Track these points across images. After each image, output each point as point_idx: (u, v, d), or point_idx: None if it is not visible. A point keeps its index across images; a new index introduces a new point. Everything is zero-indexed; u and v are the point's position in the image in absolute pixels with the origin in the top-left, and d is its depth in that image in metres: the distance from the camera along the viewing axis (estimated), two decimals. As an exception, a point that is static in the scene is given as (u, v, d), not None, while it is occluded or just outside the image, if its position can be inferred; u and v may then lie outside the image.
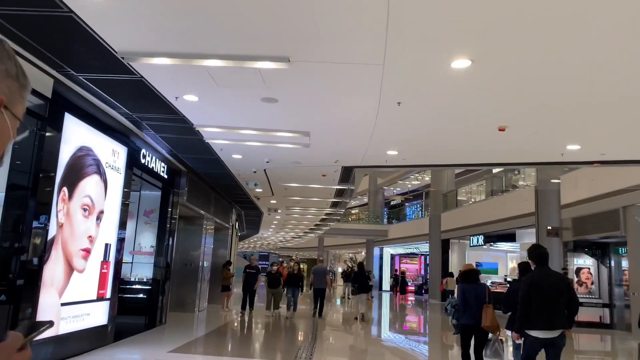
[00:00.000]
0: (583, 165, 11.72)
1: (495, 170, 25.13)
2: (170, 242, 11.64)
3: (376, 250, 37.14)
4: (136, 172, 9.15)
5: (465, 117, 6.81)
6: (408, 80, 5.54)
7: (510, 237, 21.36)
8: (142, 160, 9.20)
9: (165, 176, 10.71)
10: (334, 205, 16.54)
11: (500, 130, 7.07)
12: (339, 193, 13.94)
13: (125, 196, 8.69)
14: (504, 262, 26.91)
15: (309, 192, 14.11)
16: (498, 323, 5.97)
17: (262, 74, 5.45)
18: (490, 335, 6.03)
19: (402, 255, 35.71)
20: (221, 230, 18.40)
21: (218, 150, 9.21)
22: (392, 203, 39.90)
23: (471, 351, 6.18)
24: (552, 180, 17.10)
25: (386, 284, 34.59)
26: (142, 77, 5.76)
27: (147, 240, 11.59)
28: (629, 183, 13.26)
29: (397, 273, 33.17)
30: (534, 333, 4.91)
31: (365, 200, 41.06)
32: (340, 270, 44.08)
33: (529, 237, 19.35)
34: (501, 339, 6.08)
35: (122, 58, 5.15)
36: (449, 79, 5.37)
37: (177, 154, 10.08)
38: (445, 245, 26.44)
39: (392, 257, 36.90)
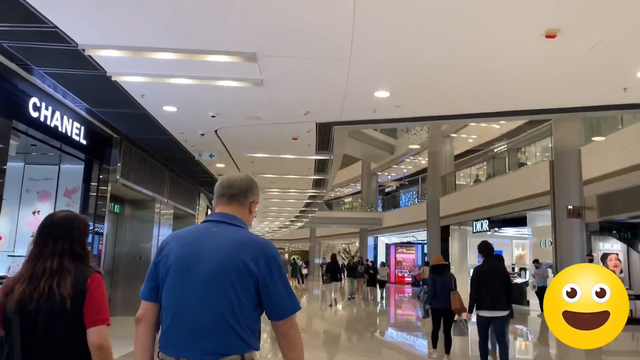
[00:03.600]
0: None
1: (498, 149, 22.77)
2: (101, 231, 9.03)
3: (370, 240, 34.76)
4: (21, 128, 6.51)
5: (493, 14, 4.25)
6: None
7: (520, 221, 18.89)
8: (34, 113, 6.55)
9: (84, 142, 8.06)
10: (317, 184, 13.93)
11: (548, 36, 4.48)
12: (320, 168, 11.34)
13: (-4, 161, 6.09)
14: (509, 249, 24.50)
15: (283, 167, 11.51)
16: (464, 306, 6.74)
17: None
18: (456, 316, 7.01)
19: (398, 245, 33.27)
20: (184, 218, 15.76)
21: (139, 97, 6.58)
22: (386, 190, 37.47)
23: (440, 332, 7.27)
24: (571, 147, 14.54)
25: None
26: None
27: (69, 227, 8.94)
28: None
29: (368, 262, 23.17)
30: (481, 313, 6.07)
31: (359, 187, 38.59)
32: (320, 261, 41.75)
33: (543, 220, 16.88)
34: (465, 320, 6.86)
35: None
36: None
37: (92, 109, 7.43)
38: (445, 232, 23.99)
39: (387, 246, 34.48)
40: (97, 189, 8.84)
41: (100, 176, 8.97)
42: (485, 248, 6.37)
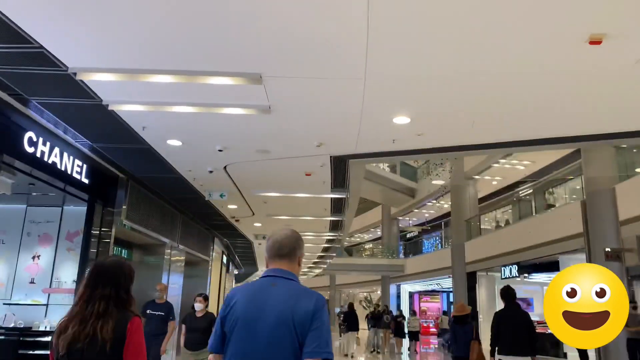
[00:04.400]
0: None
1: (523, 192, 21.89)
2: (102, 275, 8.44)
3: (393, 288, 33.43)
4: (17, 165, 6.08)
5: (529, 22, 3.71)
6: None
7: (552, 266, 17.75)
8: (29, 148, 6.14)
9: (86, 181, 7.62)
10: (334, 227, 13.24)
11: (592, 42, 3.89)
12: (336, 208, 10.70)
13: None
14: (540, 296, 23.15)
15: (298, 208, 10.91)
16: (483, 356, 6.85)
17: None
18: None
19: (422, 293, 31.89)
20: (197, 264, 15.13)
21: (140, 129, 6.14)
22: (408, 235, 36.38)
23: None
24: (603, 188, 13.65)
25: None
26: None
27: (70, 273, 8.42)
28: None
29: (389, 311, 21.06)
30: (502, 358, 6.10)
31: (379, 233, 37.60)
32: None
33: (576, 264, 15.75)
34: None
35: None
36: None
37: (93, 145, 7.01)
38: (471, 279, 22.79)
39: (411, 295, 33.12)
40: (99, 231, 8.32)
41: (104, 218, 8.47)
42: (507, 293, 6.50)
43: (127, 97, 5.27)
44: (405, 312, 27.79)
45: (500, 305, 20.54)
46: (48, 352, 7.37)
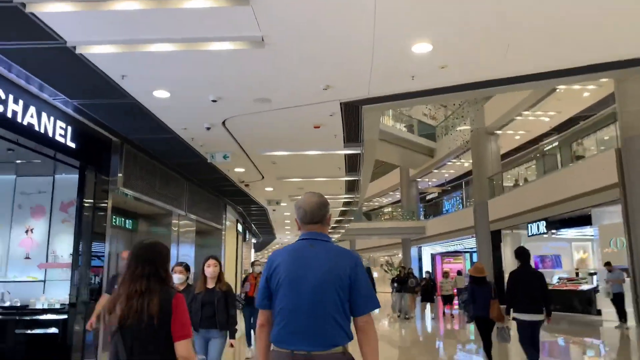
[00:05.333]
0: None
1: (548, 146, 20.75)
2: (100, 252, 7.79)
3: (413, 251, 32.82)
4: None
5: None
6: None
7: (583, 221, 16.85)
8: (-5, 106, 5.40)
9: (72, 144, 6.89)
10: (350, 188, 12.44)
11: None
12: (351, 166, 9.87)
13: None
14: (568, 253, 22.30)
15: (310, 168, 10.11)
16: (503, 314, 6.91)
17: None
18: (498, 324, 7.08)
19: (444, 254, 31.22)
20: (209, 234, 14.53)
21: (119, 78, 5.33)
22: (428, 197, 35.49)
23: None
24: None
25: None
26: None
27: (66, 246, 7.81)
28: None
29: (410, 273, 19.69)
30: (518, 316, 6.26)
31: (398, 196, 36.79)
32: (375, 274, 39.93)
33: (611, 217, 14.81)
34: (507, 327, 7.06)
35: None
36: None
37: (73, 102, 6.24)
38: (495, 238, 21.98)
39: (433, 257, 32.46)
40: (93, 201, 7.64)
41: (98, 186, 7.78)
42: (522, 253, 6.56)
43: (94, 36, 4.45)
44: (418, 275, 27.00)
45: None
46: (47, 330, 6.65)
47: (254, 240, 26.44)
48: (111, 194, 8.06)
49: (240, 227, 18.24)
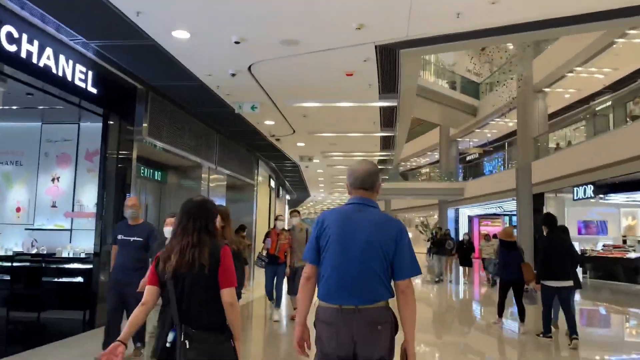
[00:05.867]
0: None
1: (600, 106, 19.37)
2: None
3: (450, 213, 32.11)
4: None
5: None
6: None
7: (634, 185, 15.82)
8: (9, 45, 5.10)
9: (93, 90, 6.62)
10: (385, 145, 11.89)
11: None
12: (387, 120, 9.30)
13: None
14: (616, 219, 21.25)
15: (343, 122, 9.60)
16: (534, 276, 7.04)
17: None
18: (526, 286, 7.31)
19: (482, 217, 30.41)
20: (241, 189, 14.35)
21: (134, 15, 4.92)
22: (468, 158, 34.37)
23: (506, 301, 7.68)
24: None
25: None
26: None
27: (91, 196, 7.68)
28: None
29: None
30: (547, 283, 6.39)
31: (437, 156, 35.79)
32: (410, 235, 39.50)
33: (666, 182, 13.76)
34: (535, 290, 7.06)
35: None
36: None
37: (89, 43, 5.89)
38: (537, 202, 21.04)
39: (470, 219, 31.70)
40: (117, 151, 7.42)
41: (122, 136, 7.54)
42: (549, 220, 6.66)
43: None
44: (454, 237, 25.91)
45: (570, 230, 19.41)
46: (73, 279, 6.55)
47: (287, 197, 26.32)
48: (136, 144, 7.82)
49: (273, 183, 18.01)
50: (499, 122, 27.71)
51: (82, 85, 6.43)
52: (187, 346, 2.48)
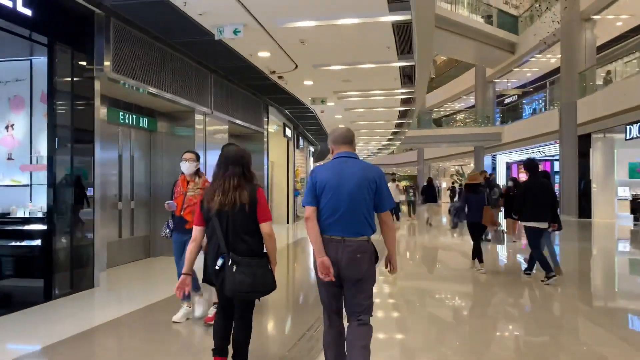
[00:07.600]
0: None
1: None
2: (81, 162, 6.37)
3: (487, 160, 30.19)
4: None
5: None
6: None
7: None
8: None
9: (26, 12, 5.30)
10: (407, 79, 10.25)
11: None
12: (403, 44, 7.69)
13: None
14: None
15: (350, 49, 8.04)
16: (495, 220, 7.92)
17: None
18: (496, 227, 7.94)
19: (521, 163, 28.34)
20: (249, 138, 13.05)
21: None
22: (506, 100, 31.97)
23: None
24: None
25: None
26: None
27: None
28: None
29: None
30: (528, 224, 6.86)
31: (472, 101, 33.48)
32: (444, 185, 37.80)
33: None
34: (502, 230, 8.17)
35: None
36: None
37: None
38: (583, 144, 19.06)
39: (509, 165, 29.72)
40: (72, 91, 6.15)
41: (78, 71, 6.25)
42: (530, 165, 7.08)
43: None
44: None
45: (620, 174, 17.51)
46: (31, 242, 5.30)
47: (311, 149, 24.93)
48: (99, 82, 6.56)
49: (289, 132, 16.62)
50: (540, 58, 25.23)
51: (8, 2, 5.12)
52: (234, 269, 3.09)
